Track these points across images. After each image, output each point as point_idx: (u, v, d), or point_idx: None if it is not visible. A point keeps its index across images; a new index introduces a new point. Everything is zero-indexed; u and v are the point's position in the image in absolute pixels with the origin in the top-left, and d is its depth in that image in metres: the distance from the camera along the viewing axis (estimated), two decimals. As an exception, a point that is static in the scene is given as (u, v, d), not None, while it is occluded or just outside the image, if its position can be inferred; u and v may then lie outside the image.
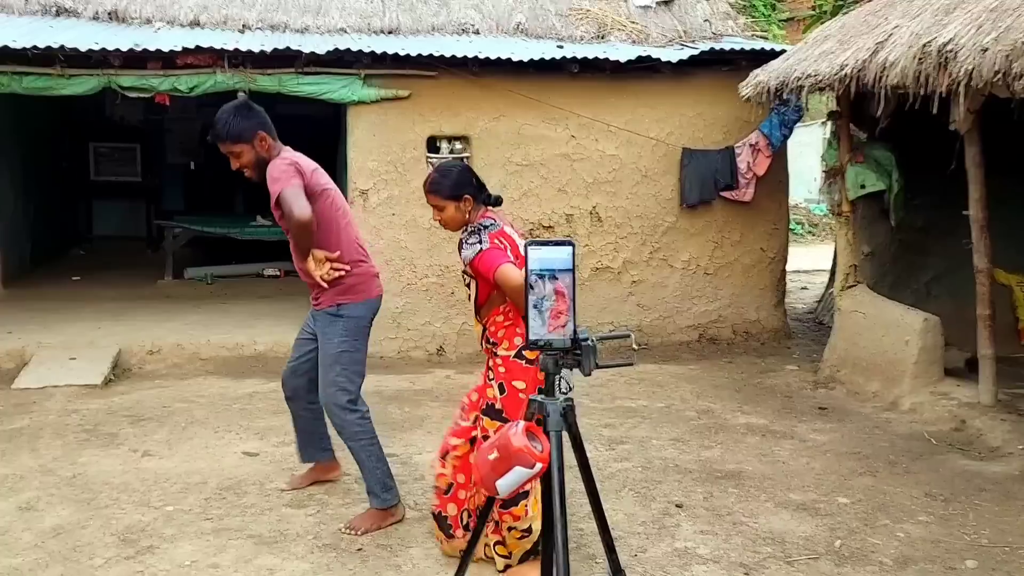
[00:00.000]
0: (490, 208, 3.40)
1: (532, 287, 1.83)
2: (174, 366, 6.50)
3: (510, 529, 3.31)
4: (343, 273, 3.69)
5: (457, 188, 3.33)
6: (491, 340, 3.32)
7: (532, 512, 3.24)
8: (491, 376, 3.32)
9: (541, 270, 1.83)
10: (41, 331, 6.88)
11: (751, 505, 4.04)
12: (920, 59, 4.71)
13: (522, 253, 2.26)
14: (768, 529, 3.78)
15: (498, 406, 3.27)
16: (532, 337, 1.86)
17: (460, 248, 3.30)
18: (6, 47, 6.10)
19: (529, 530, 3.30)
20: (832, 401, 5.91)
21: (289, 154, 3.73)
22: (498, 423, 3.22)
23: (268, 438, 4.92)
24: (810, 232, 18.53)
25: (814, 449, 4.89)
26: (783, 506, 4.04)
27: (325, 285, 3.65)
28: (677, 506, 4.00)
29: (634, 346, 1.90)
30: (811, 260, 12.78)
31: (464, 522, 3.45)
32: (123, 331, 6.97)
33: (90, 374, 5.99)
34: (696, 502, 4.06)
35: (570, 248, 1.85)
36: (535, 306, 1.83)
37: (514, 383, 3.25)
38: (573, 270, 1.85)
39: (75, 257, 10.88)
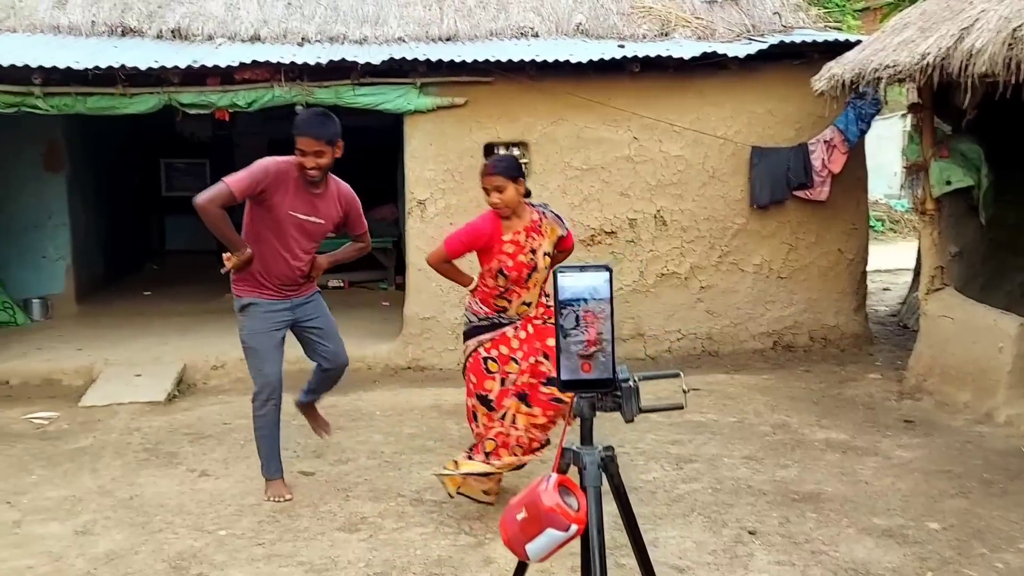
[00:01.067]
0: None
1: (563, 319, 1.61)
2: (237, 380, 6.48)
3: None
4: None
5: (517, 170, 3.95)
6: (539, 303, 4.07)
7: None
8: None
9: (573, 299, 1.60)
10: (109, 347, 6.97)
11: (831, 531, 3.74)
12: (1011, 45, 4.35)
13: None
14: (851, 559, 3.48)
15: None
16: (564, 376, 1.63)
17: (547, 223, 4.01)
18: (69, 68, 6.18)
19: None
20: (919, 413, 5.52)
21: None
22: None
23: (325, 456, 4.82)
24: (891, 229, 17.80)
25: (900, 467, 4.55)
26: (867, 532, 3.73)
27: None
28: (750, 533, 3.73)
29: (684, 387, 1.63)
30: (893, 259, 12.21)
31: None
32: (189, 346, 7.00)
33: (154, 391, 6.01)
34: (771, 528, 3.78)
35: (606, 274, 1.62)
36: (566, 340, 1.60)
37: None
38: (611, 299, 1.62)
39: (148, 272, 11.10)
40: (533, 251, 3.98)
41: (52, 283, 8.41)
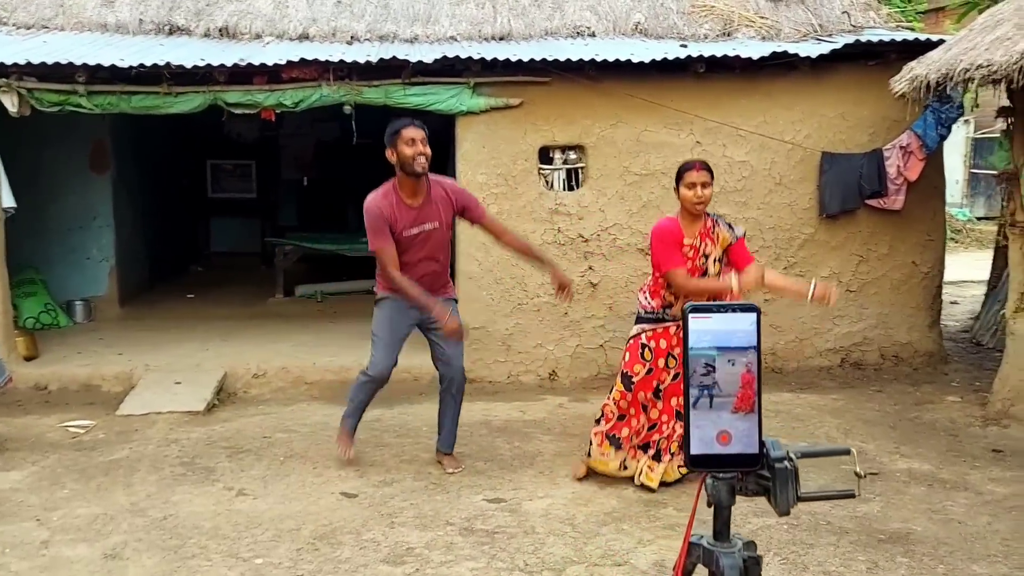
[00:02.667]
0: None
1: (695, 374, 1.24)
2: (278, 390, 6.26)
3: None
4: None
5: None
6: None
7: None
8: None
9: (709, 348, 1.23)
10: (151, 352, 6.79)
11: (927, 580, 3.36)
12: None
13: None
14: (952, 614, 3.11)
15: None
16: (695, 451, 1.25)
17: (721, 229, 4.28)
18: (114, 66, 6.01)
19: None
20: (1008, 442, 5.08)
21: None
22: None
23: (368, 476, 4.55)
24: (952, 239, 17.12)
25: (994, 504, 4.14)
26: (967, 582, 3.35)
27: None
28: (835, 579, 3.37)
29: (858, 470, 1.26)
30: (957, 271, 11.61)
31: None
32: (230, 352, 6.80)
33: (193, 400, 5.81)
34: (857, 574, 3.41)
35: (753, 316, 1.25)
36: (697, 403, 1.23)
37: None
38: (758, 348, 1.26)
39: (193, 274, 10.97)
40: (706, 256, 4.23)
41: (95, 285, 8.28)
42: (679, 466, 4.31)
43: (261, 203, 12.32)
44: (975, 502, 4.17)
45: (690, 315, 1.23)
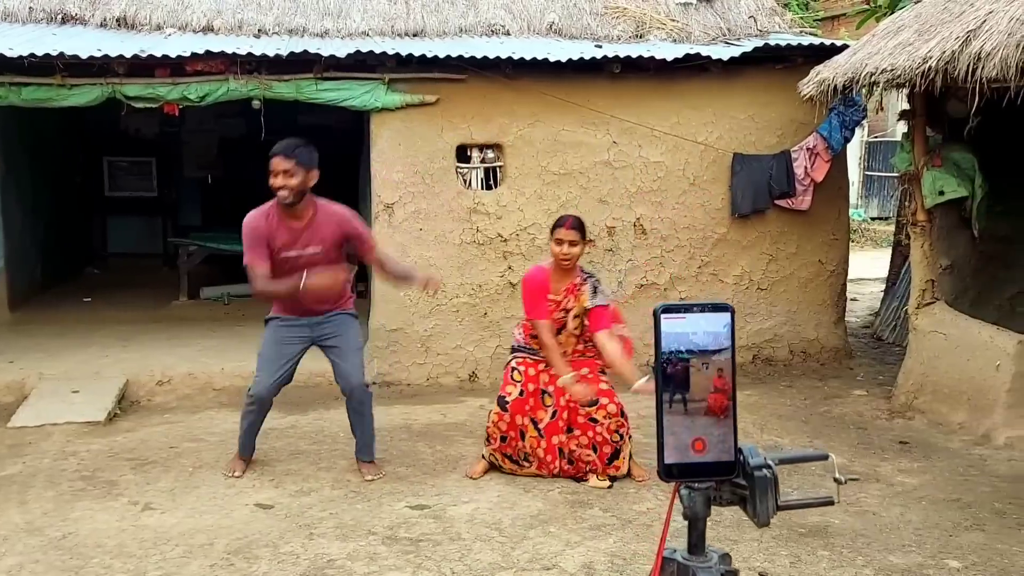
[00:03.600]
0: None
1: (667, 378, 1.17)
2: (185, 398, 5.98)
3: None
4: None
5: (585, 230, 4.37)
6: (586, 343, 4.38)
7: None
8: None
9: (681, 351, 1.16)
10: (45, 359, 6.40)
11: (847, 572, 3.44)
12: (1025, 47, 4.10)
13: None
14: (873, 605, 3.17)
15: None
16: (668, 460, 1.17)
17: (584, 291, 4.32)
18: (2, 56, 5.63)
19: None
20: (913, 434, 5.27)
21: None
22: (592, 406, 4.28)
23: (284, 485, 4.37)
24: (850, 239, 17.82)
25: (905, 495, 4.27)
26: (885, 572, 3.43)
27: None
28: (761, 575, 3.40)
29: (838, 476, 1.23)
30: (854, 269, 12.06)
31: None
32: (132, 359, 6.47)
33: (93, 409, 5.48)
34: (782, 569, 3.46)
35: (727, 316, 1.19)
36: (669, 408, 1.17)
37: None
38: (732, 349, 1.22)
39: (89, 276, 10.42)
40: (566, 311, 4.33)
41: (-18, 289, 7.76)
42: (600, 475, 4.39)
43: (162, 202, 11.80)
44: (887, 493, 4.30)
45: (662, 315, 1.17)
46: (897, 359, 6.48)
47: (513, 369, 4.43)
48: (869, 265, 12.21)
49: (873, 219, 18.74)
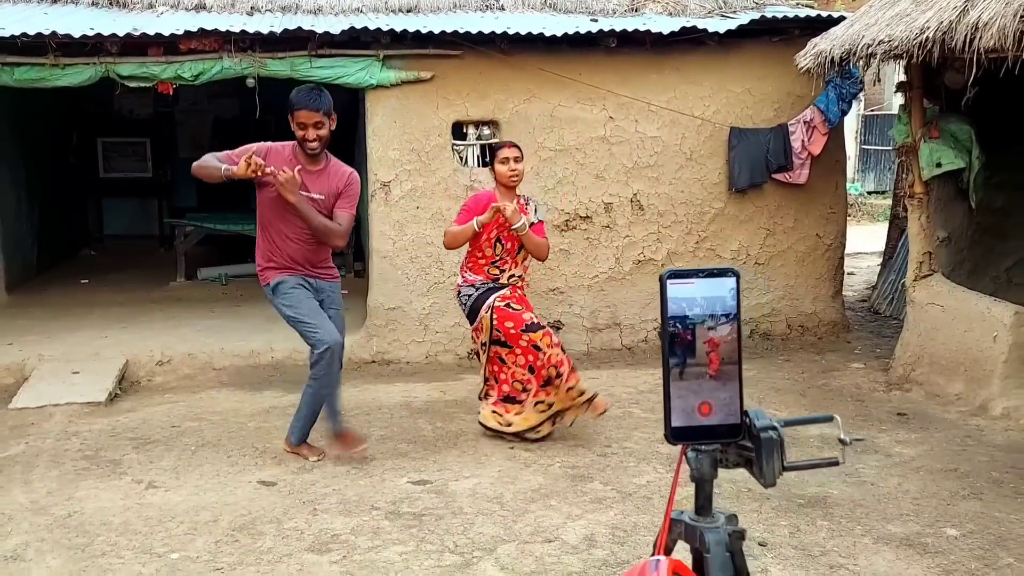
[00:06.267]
0: None
1: (675, 341, 1.19)
2: (185, 377, 6.00)
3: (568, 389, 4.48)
4: None
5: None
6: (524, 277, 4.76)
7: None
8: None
9: (687, 316, 1.18)
10: (44, 341, 6.40)
11: (846, 541, 3.47)
12: (1023, 17, 4.08)
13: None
14: (872, 573, 3.21)
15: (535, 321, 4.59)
16: (676, 423, 1.20)
17: (529, 209, 4.67)
18: (-6, 35, 5.59)
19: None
20: (911, 405, 5.31)
21: None
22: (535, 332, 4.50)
23: (287, 463, 4.39)
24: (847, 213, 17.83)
25: (903, 466, 4.31)
26: (883, 541, 3.46)
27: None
28: (761, 544, 3.44)
29: (843, 436, 1.25)
30: (851, 243, 12.08)
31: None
32: (131, 339, 6.47)
33: (93, 390, 5.50)
34: (782, 538, 3.49)
35: (732, 280, 1.23)
36: (676, 373, 1.19)
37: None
38: (738, 314, 1.25)
39: (85, 258, 10.41)
40: (508, 228, 4.52)
41: (-23, 271, 7.75)
42: (535, 403, 4.55)
43: (157, 183, 11.77)
44: (885, 464, 4.33)
45: (668, 281, 1.19)
46: (894, 332, 6.51)
47: (507, 304, 4.56)
48: (866, 239, 12.24)
49: (870, 193, 18.74)
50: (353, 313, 6.94)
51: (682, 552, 1.27)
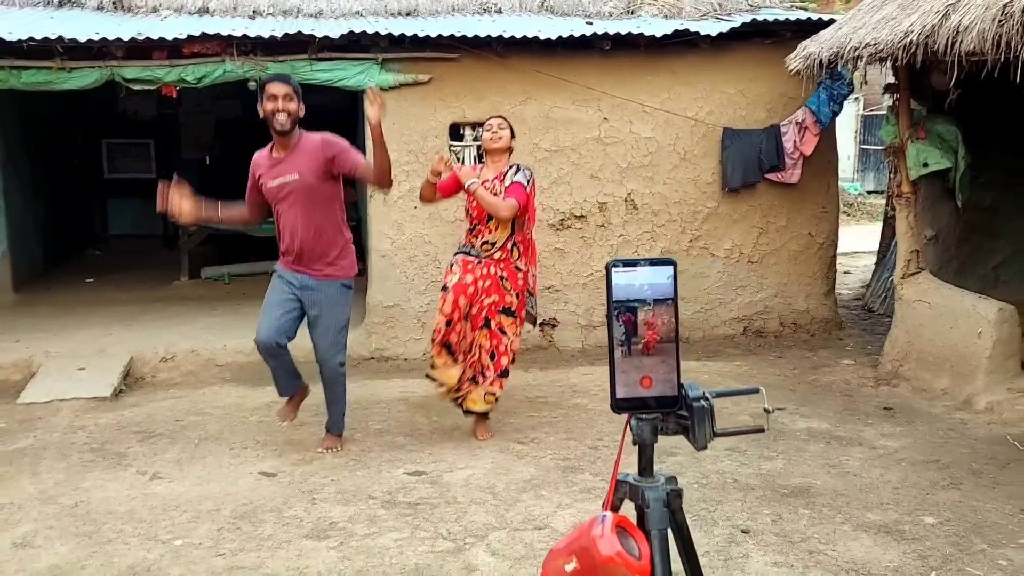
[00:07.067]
0: None
1: (619, 323, 1.34)
2: (189, 374, 6.13)
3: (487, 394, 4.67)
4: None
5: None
6: (518, 250, 4.66)
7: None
8: (507, 285, 4.63)
9: (629, 300, 1.35)
10: (50, 339, 6.54)
11: (826, 528, 3.59)
12: (1000, 21, 4.21)
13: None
14: (850, 558, 3.33)
15: (514, 308, 4.66)
16: (620, 394, 1.36)
17: (508, 175, 4.57)
18: (2, 40, 5.73)
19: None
20: (897, 400, 5.42)
21: None
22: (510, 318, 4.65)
23: (287, 455, 4.53)
24: (845, 212, 17.94)
25: (886, 458, 4.42)
26: (863, 529, 3.58)
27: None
28: (743, 532, 3.56)
29: (767, 406, 1.38)
30: (849, 242, 12.21)
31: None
32: (135, 337, 6.61)
33: (99, 386, 5.64)
34: (764, 526, 3.61)
35: (670, 268, 1.37)
36: (622, 348, 1.35)
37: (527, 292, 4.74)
38: (675, 298, 1.38)
39: (90, 258, 10.56)
40: (495, 195, 4.52)
41: (-14, 271, 7.90)
42: (485, 394, 4.68)
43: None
44: (868, 456, 4.45)
45: (613, 269, 1.32)
46: (886, 329, 6.61)
47: (451, 264, 4.69)
48: (865, 238, 12.35)
49: (869, 193, 18.82)
50: (353, 311, 7.09)
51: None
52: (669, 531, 1.42)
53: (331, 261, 4.36)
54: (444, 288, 4.61)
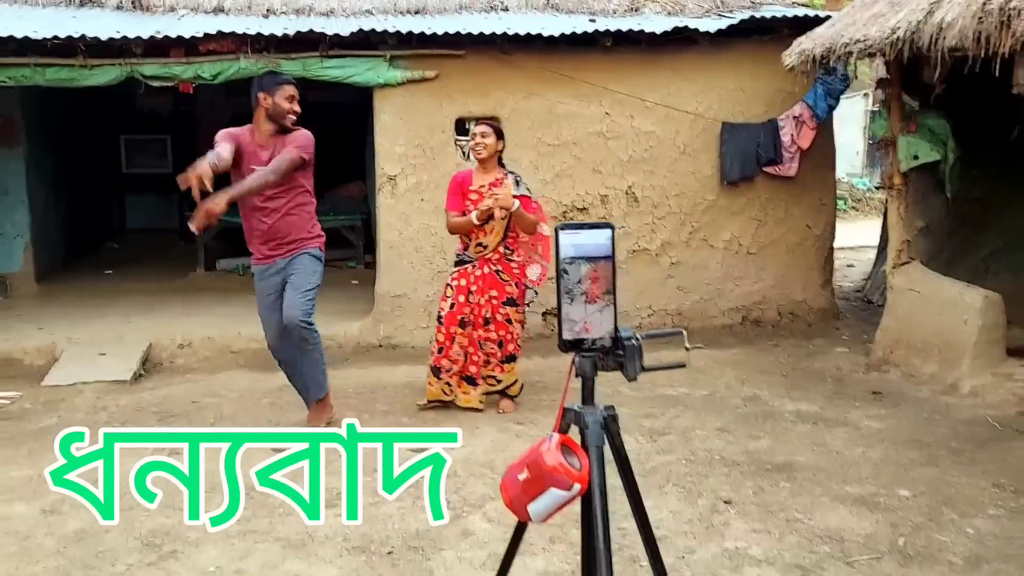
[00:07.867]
0: None
1: (566, 277, 1.58)
2: (205, 360, 6.39)
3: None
4: None
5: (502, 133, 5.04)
6: (509, 249, 4.99)
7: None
8: (504, 276, 4.99)
9: (575, 257, 1.57)
10: (72, 326, 6.82)
11: (805, 500, 3.79)
12: (980, 18, 4.38)
13: None
14: (825, 526, 3.53)
15: (515, 297, 5.02)
16: (566, 336, 1.61)
17: (507, 183, 4.88)
18: (27, 38, 6.00)
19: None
20: (886, 385, 5.61)
21: None
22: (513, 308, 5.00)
23: (297, 433, 4.76)
24: (854, 208, 18.07)
25: (870, 437, 4.62)
26: (840, 500, 3.78)
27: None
28: (726, 502, 3.77)
29: (687, 345, 1.65)
30: (856, 236, 12.37)
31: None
32: (153, 325, 6.88)
33: (119, 370, 5.90)
34: (746, 497, 3.82)
35: (609, 231, 1.60)
36: (568, 298, 1.58)
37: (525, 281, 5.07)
38: (612, 256, 1.60)
39: (108, 251, 10.86)
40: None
41: (10, 261, 8.19)
42: (481, 395, 5.09)
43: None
44: (853, 436, 4.64)
45: (560, 231, 1.57)
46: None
47: (447, 286, 5.06)
48: (870, 233, 12.46)
49: (877, 188, 18.89)
50: (361, 301, 7.35)
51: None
52: (608, 451, 1.66)
53: (299, 239, 4.65)
54: (439, 319, 5.07)
